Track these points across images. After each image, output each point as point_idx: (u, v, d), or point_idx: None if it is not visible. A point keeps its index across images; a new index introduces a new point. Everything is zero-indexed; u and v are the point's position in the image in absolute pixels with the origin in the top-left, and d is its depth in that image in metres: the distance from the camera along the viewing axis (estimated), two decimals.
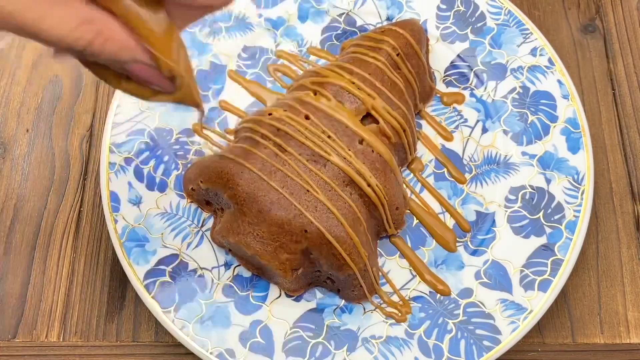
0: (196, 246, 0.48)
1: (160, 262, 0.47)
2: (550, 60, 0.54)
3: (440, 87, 0.55)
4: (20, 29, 0.27)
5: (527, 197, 0.50)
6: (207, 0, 0.30)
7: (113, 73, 0.31)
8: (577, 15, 0.60)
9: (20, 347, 0.47)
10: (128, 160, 0.50)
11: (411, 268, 0.48)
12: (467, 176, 0.51)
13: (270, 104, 0.52)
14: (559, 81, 0.53)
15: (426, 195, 0.51)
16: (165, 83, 0.31)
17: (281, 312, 0.46)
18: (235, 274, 0.48)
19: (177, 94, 0.32)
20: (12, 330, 0.48)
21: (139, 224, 0.48)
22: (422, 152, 0.52)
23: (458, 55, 0.55)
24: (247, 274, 0.48)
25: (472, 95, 0.54)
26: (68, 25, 0.28)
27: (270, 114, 0.47)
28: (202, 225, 0.49)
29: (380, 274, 0.48)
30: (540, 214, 0.49)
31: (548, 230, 0.48)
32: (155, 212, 0.49)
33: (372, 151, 0.47)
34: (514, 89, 0.53)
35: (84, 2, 0.28)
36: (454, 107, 0.54)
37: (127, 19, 0.29)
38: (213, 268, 0.47)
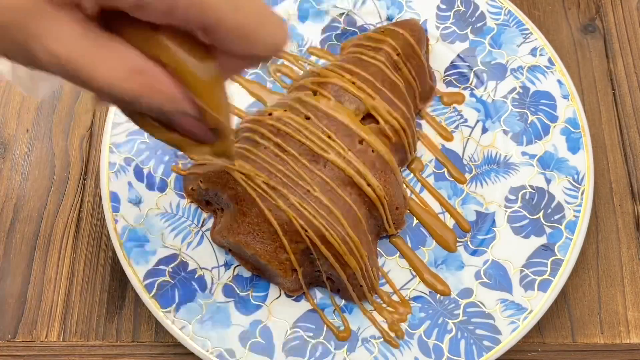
0: (196, 246, 0.48)
1: (160, 262, 0.47)
2: (550, 60, 0.54)
3: (440, 87, 0.55)
4: (72, 75, 0.26)
5: (527, 197, 0.50)
6: (258, 51, 0.28)
7: (153, 123, 0.30)
8: (577, 15, 0.60)
9: (20, 347, 0.47)
10: (128, 160, 0.50)
11: (411, 268, 0.48)
12: (467, 176, 0.51)
13: (271, 104, 0.52)
14: (559, 81, 0.53)
15: (426, 195, 0.51)
16: (208, 135, 0.30)
17: (281, 312, 0.46)
18: (235, 274, 0.48)
19: (218, 145, 0.31)
20: (12, 330, 0.48)
21: (139, 224, 0.48)
22: (422, 152, 0.52)
23: (458, 55, 0.55)
24: (247, 274, 0.48)
25: (472, 95, 0.54)
26: (119, 75, 0.26)
27: (270, 114, 0.47)
28: (202, 225, 0.49)
29: (380, 274, 0.48)
30: (540, 214, 0.49)
31: (548, 230, 0.48)
32: (155, 212, 0.49)
33: (372, 151, 0.47)
34: (514, 89, 0.53)
35: (135, 51, 0.27)
36: (454, 107, 0.54)
37: (177, 70, 0.27)
38: (213, 268, 0.47)
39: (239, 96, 0.54)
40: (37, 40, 0.25)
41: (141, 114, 0.30)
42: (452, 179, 0.51)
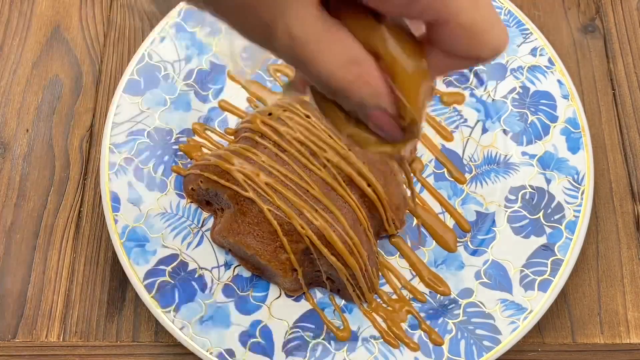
0: (196, 246, 0.48)
1: (160, 262, 0.47)
2: (550, 60, 0.54)
3: (440, 87, 0.54)
4: (298, 56, 0.26)
5: (527, 197, 0.50)
6: (482, 52, 0.27)
7: (341, 113, 0.29)
8: (577, 15, 0.60)
9: (20, 347, 0.47)
10: (128, 160, 0.50)
11: (411, 268, 0.48)
12: (467, 176, 0.51)
13: (271, 104, 0.52)
14: (559, 81, 0.53)
15: (426, 195, 0.51)
16: (397, 133, 0.29)
17: (281, 312, 0.46)
18: (235, 274, 0.48)
19: (402, 145, 0.30)
20: (12, 330, 0.48)
21: (139, 224, 0.48)
22: (422, 152, 0.52)
23: None
24: (247, 274, 0.48)
25: (472, 95, 0.54)
26: (339, 63, 0.26)
27: (270, 114, 0.47)
28: (202, 225, 0.49)
29: (380, 274, 0.48)
30: (540, 214, 0.49)
31: (548, 230, 0.48)
32: (155, 212, 0.49)
33: None
34: (514, 89, 0.53)
35: (355, 40, 0.26)
36: (453, 107, 0.54)
37: (390, 64, 0.27)
38: (213, 268, 0.47)
39: (238, 96, 0.54)
40: (282, 19, 0.25)
41: (329, 101, 0.29)
42: (452, 179, 0.51)
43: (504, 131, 0.52)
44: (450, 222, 0.50)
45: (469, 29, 0.26)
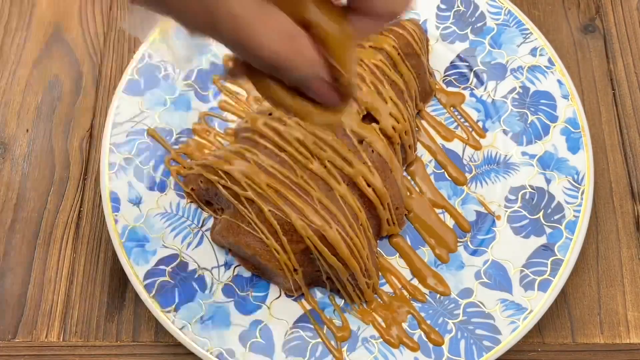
0: (196, 246, 0.48)
1: (160, 262, 0.47)
2: (550, 60, 0.54)
3: (441, 87, 0.54)
4: (239, 39, 0.27)
5: (527, 197, 0.50)
6: (395, 7, 0.30)
7: (281, 90, 0.30)
8: (577, 15, 0.60)
9: (20, 347, 0.47)
10: (128, 160, 0.50)
11: (411, 268, 0.48)
12: (467, 176, 0.51)
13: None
14: (559, 81, 0.53)
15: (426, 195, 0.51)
16: (336, 98, 0.31)
17: (281, 312, 0.46)
18: (235, 274, 0.48)
19: (342, 109, 0.32)
20: (12, 330, 0.48)
21: (139, 224, 0.48)
22: (422, 152, 0.52)
23: (458, 55, 0.55)
24: (247, 274, 0.48)
25: (472, 95, 0.54)
26: (276, 40, 0.27)
27: (270, 114, 0.47)
28: (202, 225, 0.49)
29: (380, 274, 0.48)
30: (540, 214, 0.49)
31: (548, 230, 0.48)
32: (155, 212, 0.49)
33: (372, 151, 0.47)
34: (514, 89, 0.53)
35: (286, 15, 0.28)
36: (453, 108, 0.54)
37: (320, 33, 0.28)
38: (213, 268, 0.47)
39: (238, 96, 0.54)
40: (224, 3, 0.26)
41: (264, 77, 0.30)
42: (452, 179, 0.51)
43: (504, 131, 0.52)
44: (450, 222, 0.50)
45: None
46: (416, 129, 0.52)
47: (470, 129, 0.53)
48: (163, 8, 0.28)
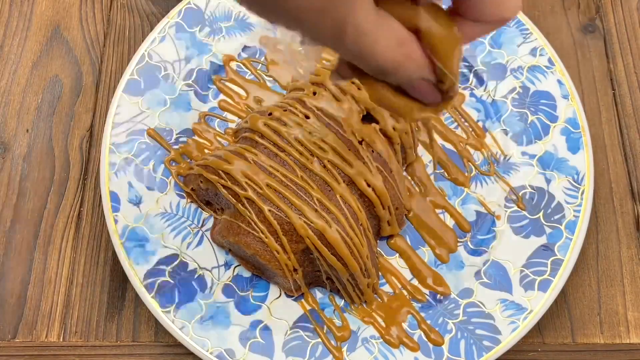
0: (196, 246, 0.48)
1: (160, 262, 0.47)
2: (550, 60, 0.54)
3: None
4: (355, 47, 0.28)
5: (527, 197, 0.50)
6: (505, 13, 0.30)
7: (382, 85, 0.31)
8: (577, 15, 0.60)
9: (20, 347, 0.47)
10: (128, 160, 0.50)
11: (411, 268, 0.48)
12: (468, 176, 0.51)
13: (270, 103, 0.52)
14: (559, 81, 0.53)
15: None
16: (439, 97, 0.32)
17: (281, 312, 0.46)
18: (235, 274, 0.48)
19: (442, 106, 0.33)
20: (12, 330, 0.48)
21: (139, 224, 0.48)
22: (422, 152, 0.52)
23: None
24: (247, 274, 0.48)
25: (472, 95, 0.54)
26: (390, 47, 0.28)
27: (270, 114, 0.48)
28: (202, 225, 0.49)
29: (380, 274, 0.48)
30: (540, 214, 0.49)
31: (548, 230, 0.48)
32: (155, 212, 0.49)
33: (372, 151, 0.47)
34: (514, 89, 0.53)
35: (397, 22, 0.29)
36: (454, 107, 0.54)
37: (429, 38, 0.29)
38: (213, 268, 0.47)
39: (238, 96, 0.54)
40: (351, 16, 0.27)
41: (373, 80, 0.31)
42: (452, 180, 0.51)
43: (504, 131, 0.52)
44: (450, 222, 0.50)
45: None
46: (416, 129, 0.52)
47: (470, 129, 0.53)
48: (293, 23, 0.28)
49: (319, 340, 0.45)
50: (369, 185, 0.45)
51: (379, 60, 0.28)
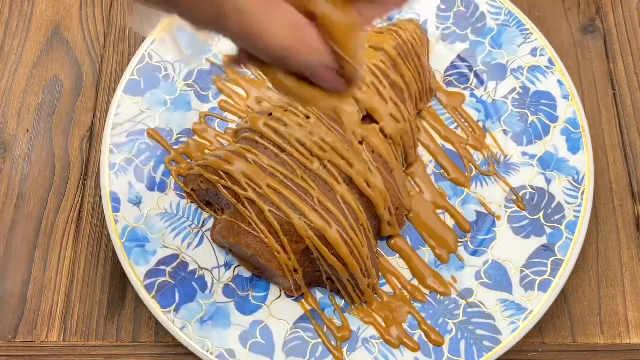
0: (196, 246, 0.48)
1: (160, 262, 0.47)
2: (550, 60, 0.54)
3: (440, 87, 0.54)
4: (245, 32, 0.27)
5: (527, 197, 0.50)
6: None
7: (284, 74, 0.31)
8: (577, 15, 0.60)
9: (20, 347, 0.47)
10: (128, 161, 0.50)
11: (410, 269, 0.48)
12: (468, 176, 0.51)
13: (270, 104, 0.52)
14: (559, 81, 0.53)
15: (426, 195, 0.50)
16: (342, 84, 0.31)
17: (281, 312, 0.46)
18: (235, 274, 0.48)
19: (347, 94, 0.32)
20: (12, 330, 0.48)
21: (139, 224, 0.48)
22: (422, 152, 0.52)
23: (458, 55, 0.55)
24: (247, 274, 0.48)
25: (472, 95, 0.54)
26: (282, 31, 0.28)
27: (270, 114, 0.48)
28: (202, 225, 0.49)
29: (380, 274, 0.48)
30: (540, 214, 0.49)
31: (548, 230, 0.48)
32: (155, 212, 0.49)
33: (372, 151, 0.47)
34: (514, 89, 0.53)
35: (290, 6, 0.28)
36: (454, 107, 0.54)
37: (326, 23, 0.29)
38: (213, 268, 0.47)
39: (238, 96, 0.54)
40: None
41: (274, 68, 0.30)
42: (452, 181, 0.51)
43: (504, 131, 0.52)
44: (450, 222, 0.50)
45: None
46: (416, 128, 0.52)
47: (470, 129, 0.53)
48: (168, 5, 0.28)
49: (319, 340, 0.45)
50: (369, 185, 0.45)
51: (271, 45, 0.28)
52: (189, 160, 0.51)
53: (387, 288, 0.47)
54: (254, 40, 0.28)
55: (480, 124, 0.53)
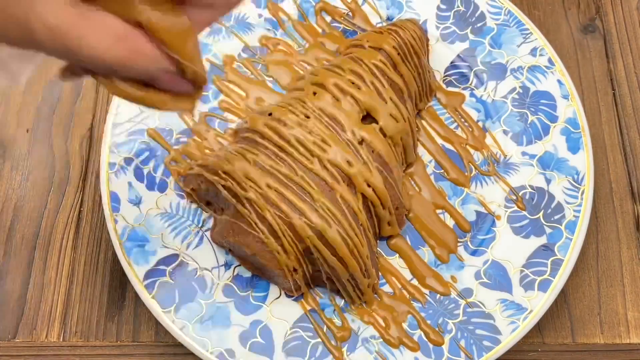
0: (196, 246, 0.48)
1: (160, 262, 0.47)
2: (550, 60, 0.54)
3: (440, 87, 0.54)
4: (63, 47, 0.27)
5: (527, 197, 0.50)
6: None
7: (127, 86, 0.31)
8: (577, 15, 0.60)
9: (20, 347, 0.47)
10: (128, 161, 0.50)
11: (410, 269, 0.48)
12: (468, 176, 0.51)
13: (270, 104, 0.52)
14: (559, 81, 0.53)
15: (426, 194, 0.50)
16: (187, 86, 0.32)
17: (281, 312, 0.46)
18: (235, 274, 0.48)
19: (195, 95, 0.33)
20: (12, 330, 0.48)
21: (139, 224, 0.48)
22: (422, 152, 0.52)
23: (458, 55, 0.55)
24: (247, 274, 0.48)
25: (472, 95, 0.54)
26: (107, 43, 0.28)
27: (270, 114, 0.47)
28: (202, 225, 0.49)
29: (380, 274, 0.48)
30: (540, 214, 0.49)
31: (548, 230, 0.48)
32: (155, 212, 0.49)
33: (372, 151, 0.47)
34: (514, 89, 0.53)
35: (114, 17, 0.28)
36: (453, 108, 0.54)
37: (154, 29, 0.29)
38: (213, 268, 0.47)
39: (238, 96, 0.54)
40: (33, 12, 0.26)
41: (116, 79, 0.31)
42: (453, 181, 0.51)
43: (504, 131, 0.52)
44: (450, 222, 0.50)
45: None
46: (416, 128, 0.52)
47: (470, 129, 0.53)
48: None
49: (319, 340, 0.45)
50: (369, 186, 0.45)
51: (96, 58, 0.27)
52: (189, 160, 0.51)
53: (387, 288, 0.47)
54: (74, 54, 0.27)
55: (480, 124, 0.53)
